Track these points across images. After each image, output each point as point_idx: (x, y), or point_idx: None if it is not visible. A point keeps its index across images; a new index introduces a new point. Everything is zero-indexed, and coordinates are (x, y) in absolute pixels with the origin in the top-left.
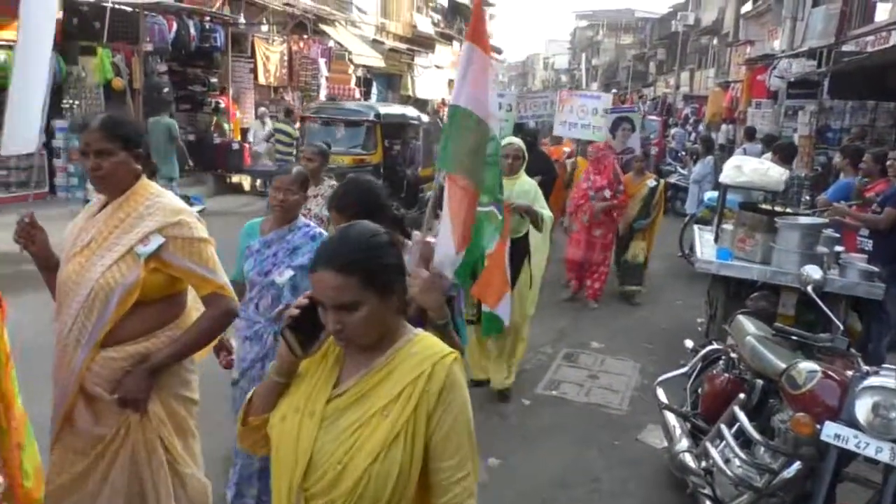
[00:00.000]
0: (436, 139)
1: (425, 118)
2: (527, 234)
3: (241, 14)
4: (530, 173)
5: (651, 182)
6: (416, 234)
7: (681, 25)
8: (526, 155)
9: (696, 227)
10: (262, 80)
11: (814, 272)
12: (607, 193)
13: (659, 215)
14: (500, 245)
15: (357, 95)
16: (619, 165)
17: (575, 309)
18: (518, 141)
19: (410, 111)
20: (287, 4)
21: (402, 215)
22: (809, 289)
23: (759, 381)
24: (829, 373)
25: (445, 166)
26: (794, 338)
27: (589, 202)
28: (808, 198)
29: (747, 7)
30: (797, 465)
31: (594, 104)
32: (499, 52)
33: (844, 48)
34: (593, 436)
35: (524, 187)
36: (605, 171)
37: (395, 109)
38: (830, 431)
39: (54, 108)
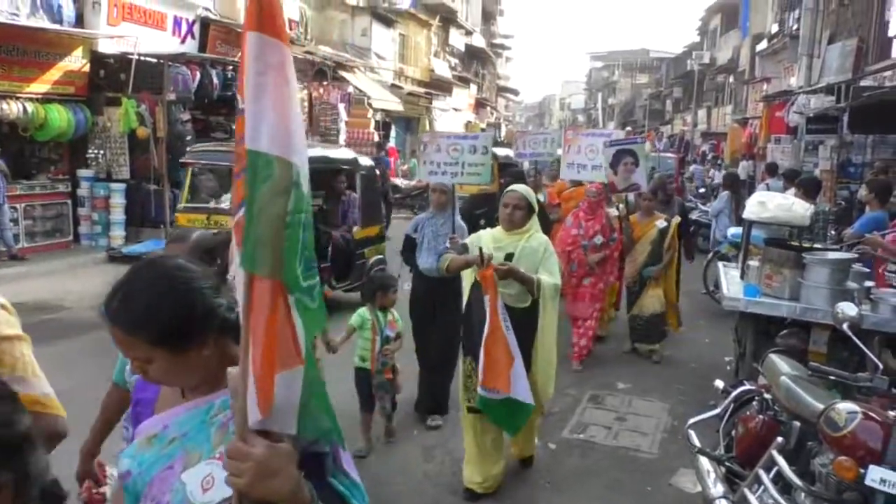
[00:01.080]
0: (376, 188)
1: (366, 161)
2: (535, 305)
3: None
4: None
5: (660, 223)
6: (229, 371)
7: (696, 64)
8: (534, 205)
9: (720, 263)
10: None
11: (849, 309)
12: (599, 240)
13: (674, 260)
14: (492, 316)
15: (375, 139)
16: (623, 205)
17: (598, 349)
18: (523, 189)
19: (342, 153)
20: (307, 52)
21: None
22: (845, 326)
23: (796, 423)
24: (870, 414)
25: (245, 264)
26: (831, 377)
27: (579, 249)
28: (833, 232)
29: (762, 45)
30: None
31: (604, 143)
32: (516, 93)
33: (862, 83)
34: (624, 481)
35: (532, 245)
36: (598, 216)
37: (316, 151)
38: (875, 476)
39: (79, 157)
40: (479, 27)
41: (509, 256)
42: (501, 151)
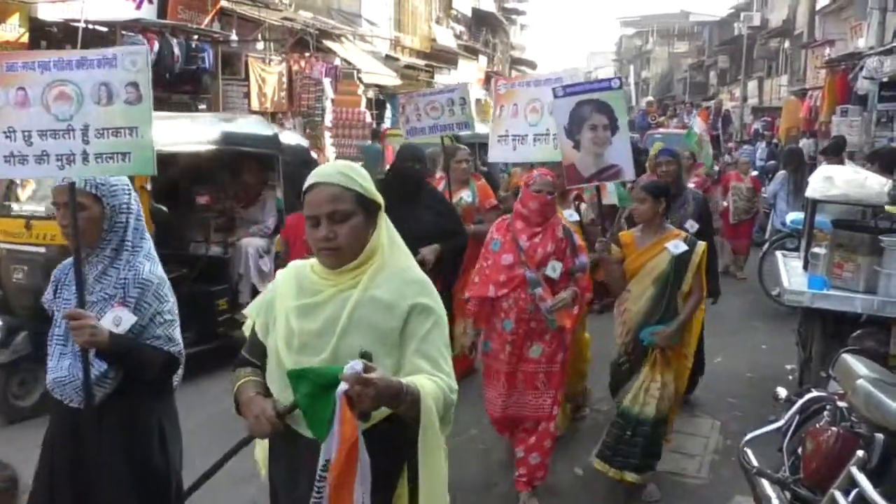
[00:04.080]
0: None
1: None
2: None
3: (234, 31)
4: (413, 241)
5: (674, 245)
6: None
7: (745, 28)
8: (374, 196)
9: (778, 253)
10: (255, 105)
11: None
12: (556, 269)
13: (699, 313)
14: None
15: (368, 119)
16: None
17: None
18: (336, 171)
19: None
20: (286, 19)
21: None
22: None
23: (880, 436)
24: None
25: None
26: None
27: (520, 290)
28: None
29: (824, 1)
30: None
31: (555, 90)
32: (533, 66)
33: None
34: None
35: (380, 297)
36: (549, 227)
37: None
38: None
39: None
40: None
41: (329, 327)
42: (248, 126)
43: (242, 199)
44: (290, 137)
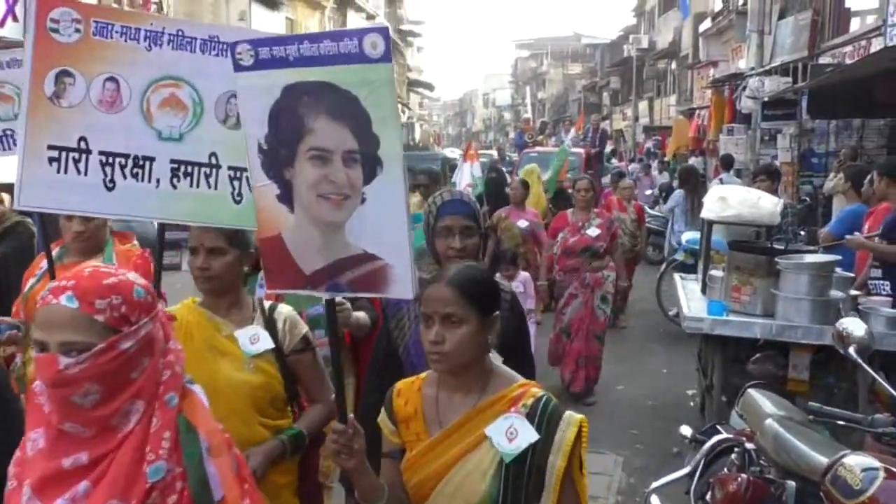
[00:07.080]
0: None
1: None
2: None
3: None
4: None
5: (509, 432)
6: None
7: (634, 50)
8: None
9: (676, 276)
10: None
11: (855, 327)
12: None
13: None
14: None
15: None
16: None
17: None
18: None
19: None
20: None
21: None
22: (852, 350)
23: (791, 483)
24: (894, 470)
25: None
26: (840, 422)
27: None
28: (802, 233)
29: (706, 25)
30: None
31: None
32: (430, 88)
33: (821, 61)
34: None
35: None
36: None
37: None
38: None
39: None
40: (383, 10)
41: None
42: None
43: None
44: None
